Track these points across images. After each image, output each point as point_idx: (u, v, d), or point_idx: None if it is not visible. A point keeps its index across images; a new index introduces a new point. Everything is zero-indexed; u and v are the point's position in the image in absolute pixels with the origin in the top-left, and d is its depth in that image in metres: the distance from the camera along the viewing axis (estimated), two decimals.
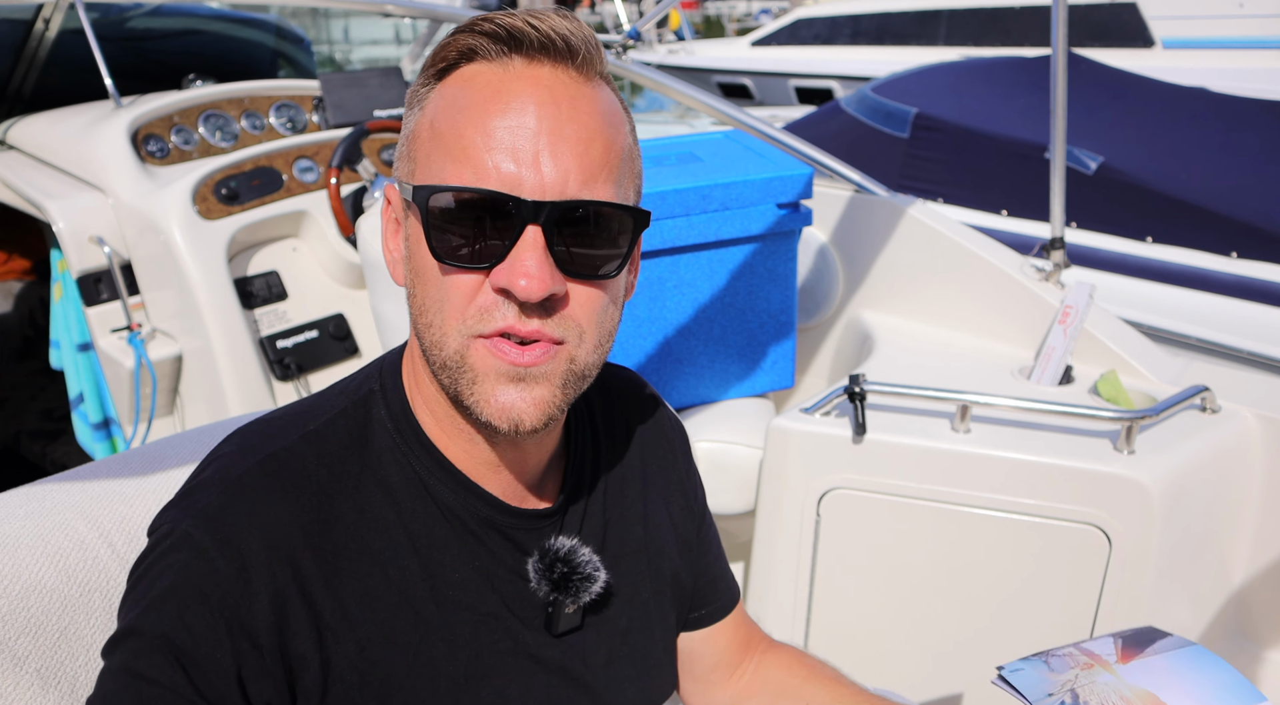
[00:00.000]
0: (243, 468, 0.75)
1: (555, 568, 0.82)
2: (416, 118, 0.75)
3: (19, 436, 3.30)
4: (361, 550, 0.76)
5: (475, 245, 0.69)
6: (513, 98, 0.69)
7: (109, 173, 2.56)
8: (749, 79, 11.37)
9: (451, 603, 0.79)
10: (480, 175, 0.68)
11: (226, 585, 0.71)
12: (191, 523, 0.73)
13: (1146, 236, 3.29)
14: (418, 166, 0.73)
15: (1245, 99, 4.01)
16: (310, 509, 0.75)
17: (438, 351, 0.72)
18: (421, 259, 0.72)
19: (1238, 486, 1.66)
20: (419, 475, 0.79)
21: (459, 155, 0.69)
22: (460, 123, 0.70)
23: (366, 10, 3.23)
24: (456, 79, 0.72)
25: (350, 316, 2.80)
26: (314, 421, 0.79)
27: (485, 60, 0.72)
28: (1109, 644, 0.82)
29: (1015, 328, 1.91)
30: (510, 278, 0.68)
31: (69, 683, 0.85)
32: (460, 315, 0.70)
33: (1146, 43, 8.08)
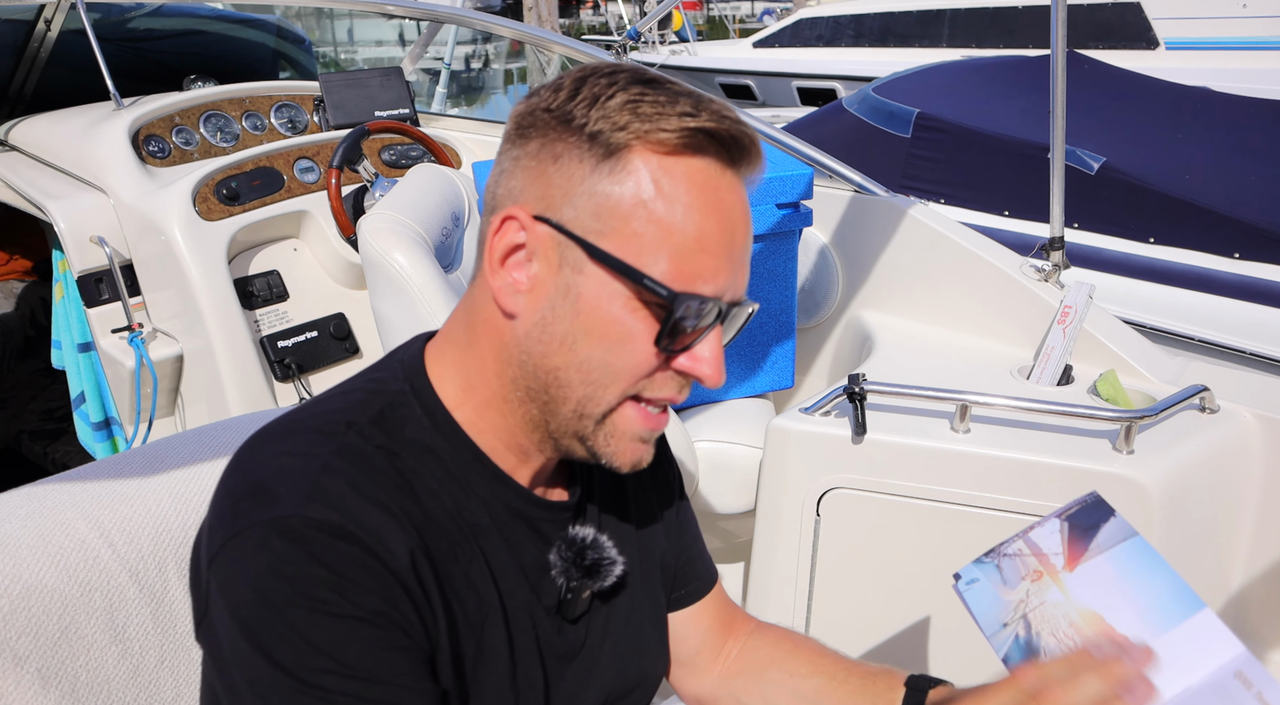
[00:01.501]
0: (319, 459, 0.75)
1: (586, 554, 0.87)
2: (617, 183, 0.73)
3: (20, 436, 3.30)
4: (435, 534, 0.79)
5: (677, 333, 0.76)
6: (730, 211, 0.76)
7: (110, 173, 2.57)
8: (751, 80, 11.38)
9: (504, 591, 0.83)
10: (703, 282, 0.75)
11: (375, 548, 0.72)
12: (303, 508, 0.71)
13: (1148, 237, 3.28)
14: (614, 233, 0.74)
15: (1248, 99, 4.01)
16: (394, 491, 0.76)
17: (591, 405, 0.78)
18: (605, 325, 0.75)
19: (1237, 486, 1.66)
20: (459, 468, 0.82)
21: (688, 256, 0.74)
22: (690, 224, 0.74)
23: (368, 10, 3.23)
24: (675, 168, 0.74)
25: (350, 316, 2.80)
26: (359, 419, 0.79)
27: (710, 160, 0.75)
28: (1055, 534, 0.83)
29: (1015, 328, 1.92)
30: (698, 367, 0.77)
31: (69, 682, 0.85)
32: (632, 380, 0.77)
33: (1150, 43, 8.09)
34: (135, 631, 0.90)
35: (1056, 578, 0.80)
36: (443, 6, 3.42)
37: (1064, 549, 0.82)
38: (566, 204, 0.74)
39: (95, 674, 0.87)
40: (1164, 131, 3.75)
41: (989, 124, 3.82)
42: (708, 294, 0.75)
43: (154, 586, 0.92)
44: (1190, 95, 4.09)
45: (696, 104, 0.74)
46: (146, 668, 0.90)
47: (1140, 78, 4.28)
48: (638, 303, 0.74)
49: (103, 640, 0.88)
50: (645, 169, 0.73)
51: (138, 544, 0.92)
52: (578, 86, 0.75)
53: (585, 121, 0.73)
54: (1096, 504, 0.83)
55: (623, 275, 0.74)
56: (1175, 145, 3.63)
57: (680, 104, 0.73)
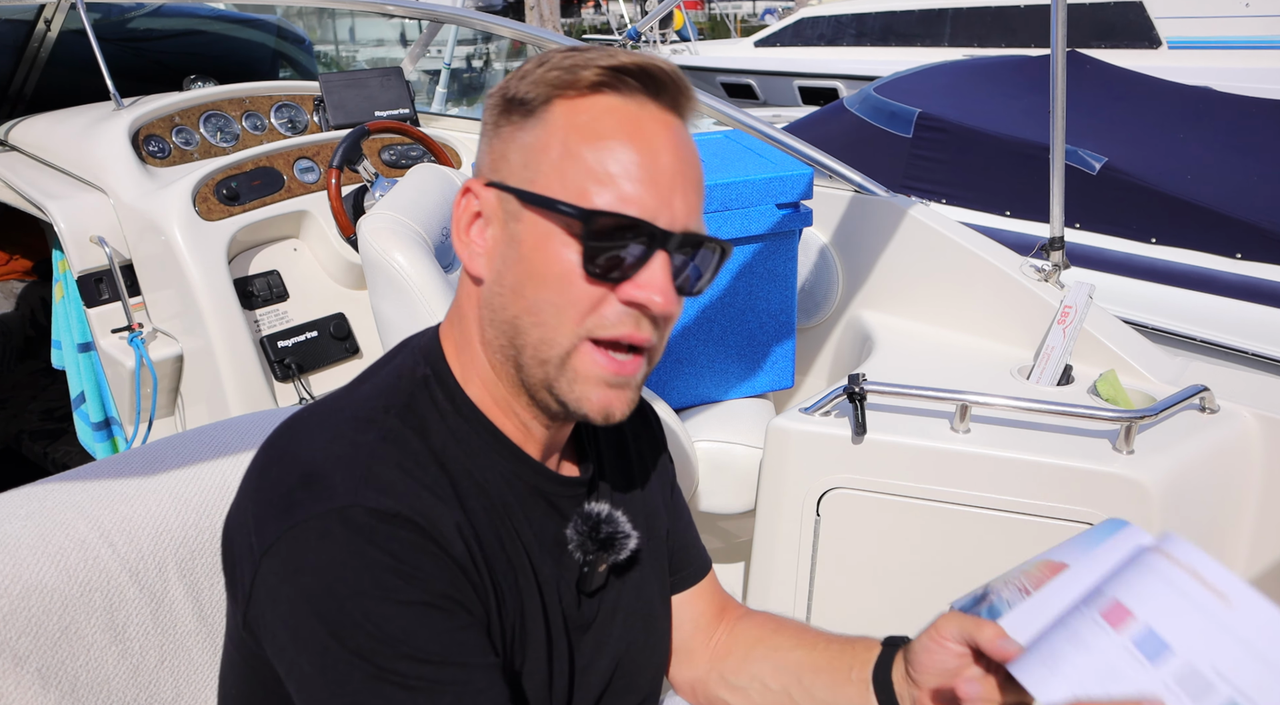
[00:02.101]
0: (369, 445, 0.78)
1: (601, 528, 0.90)
2: (537, 131, 0.79)
3: (20, 436, 3.30)
4: (474, 512, 0.82)
5: (615, 262, 0.77)
6: (652, 137, 0.78)
7: (110, 173, 2.57)
8: (753, 79, 11.37)
9: (526, 565, 0.86)
10: (624, 202, 0.76)
11: (432, 534, 0.75)
12: (360, 497, 0.74)
13: (1150, 237, 3.28)
14: (541, 177, 0.79)
15: (1250, 99, 4.00)
16: (434, 475, 0.80)
17: (546, 348, 0.79)
18: (546, 264, 0.78)
19: (1237, 486, 1.66)
20: (482, 448, 0.85)
21: (605, 180, 0.77)
22: (603, 151, 0.77)
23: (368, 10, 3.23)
24: (592, 107, 0.78)
25: (351, 316, 2.80)
26: (392, 404, 0.83)
27: (619, 95, 0.79)
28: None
29: (1014, 328, 1.92)
30: (646, 294, 0.77)
31: (69, 682, 0.85)
32: (581, 319, 0.78)
33: (1152, 42, 8.08)
34: (135, 631, 0.90)
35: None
36: (443, 6, 3.42)
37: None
38: (504, 164, 0.82)
39: (95, 674, 0.87)
40: (1166, 131, 3.74)
41: (991, 124, 3.82)
42: (632, 215, 0.76)
43: (154, 586, 0.92)
44: (1192, 95, 4.09)
45: (613, 52, 0.79)
46: (146, 667, 0.90)
47: (1142, 77, 4.28)
48: (568, 236, 0.77)
49: (103, 640, 0.88)
50: (563, 112, 0.79)
51: (138, 544, 0.92)
52: (521, 69, 0.82)
53: (516, 92, 0.81)
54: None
55: (547, 209, 0.78)
56: (1177, 145, 3.62)
57: (595, 56, 0.78)
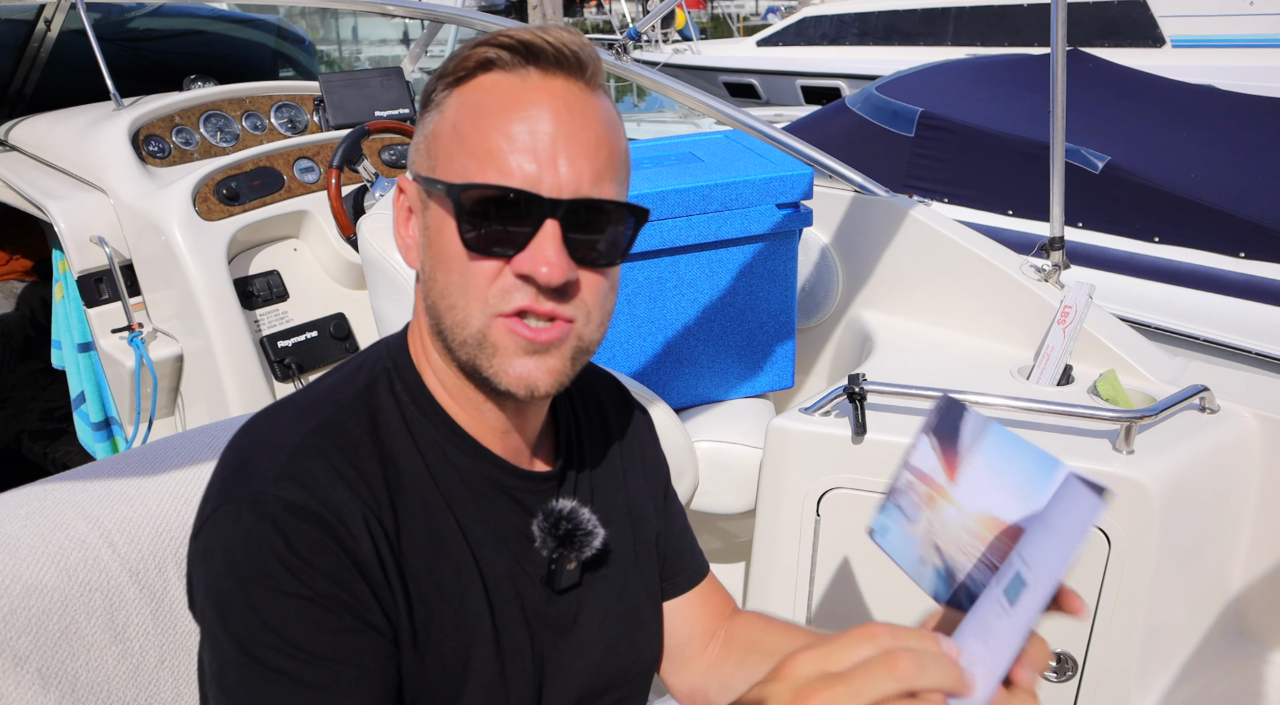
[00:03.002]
0: (298, 435, 0.79)
1: (560, 524, 0.89)
2: (435, 119, 0.82)
3: (20, 436, 3.30)
4: (408, 507, 0.82)
5: (500, 236, 0.77)
6: (531, 106, 0.77)
7: (110, 173, 2.57)
8: (755, 78, 11.35)
9: (480, 559, 0.85)
10: (504, 174, 0.76)
11: (336, 531, 0.75)
12: (273, 486, 0.75)
13: (1153, 236, 3.27)
14: (439, 163, 0.80)
15: (1253, 97, 4.00)
16: (368, 469, 0.80)
17: (461, 329, 0.80)
18: (445, 246, 0.79)
19: (1237, 486, 1.66)
20: (438, 443, 0.85)
21: (484, 156, 0.77)
22: (484, 127, 0.77)
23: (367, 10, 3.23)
24: (476, 87, 0.80)
25: (350, 316, 2.81)
26: (343, 396, 0.84)
27: (503, 71, 0.79)
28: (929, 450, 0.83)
29: (1014, 328, 1.91)
30: (533, 265, 0.76)
31: (70, 682, 0.85)
32: (483, 297, 0.78)
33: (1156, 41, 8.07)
34: (135, 631, 0.90)
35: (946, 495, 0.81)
36: (443, 6, 3.41)
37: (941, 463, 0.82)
38: (417, 156, 0.84)
39: (95, 674, 0.87)
40: (1169, 130, 3.74)
41: (993, 123, 3.81)
42: (508, 185, 0.76)
43: (154, 586, 0.92)
44: (1195, 93, 4.08)
45: (501, 32, 0.79)
46: (146, 667, 0.90)
47: (1145, 76, 4.27)
48: (451, 216, 0.78)
49: (103, 640, 0.88)
50: (454, 99, 0.81)
51: (138, 544, 0.92)
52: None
53: (426, 90, 0.84)
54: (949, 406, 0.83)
55: (435, 192, 0.79)
56: (1180, 144, 3.62)
57: (484, 39, 0.80)
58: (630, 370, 1.97)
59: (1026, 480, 0.76)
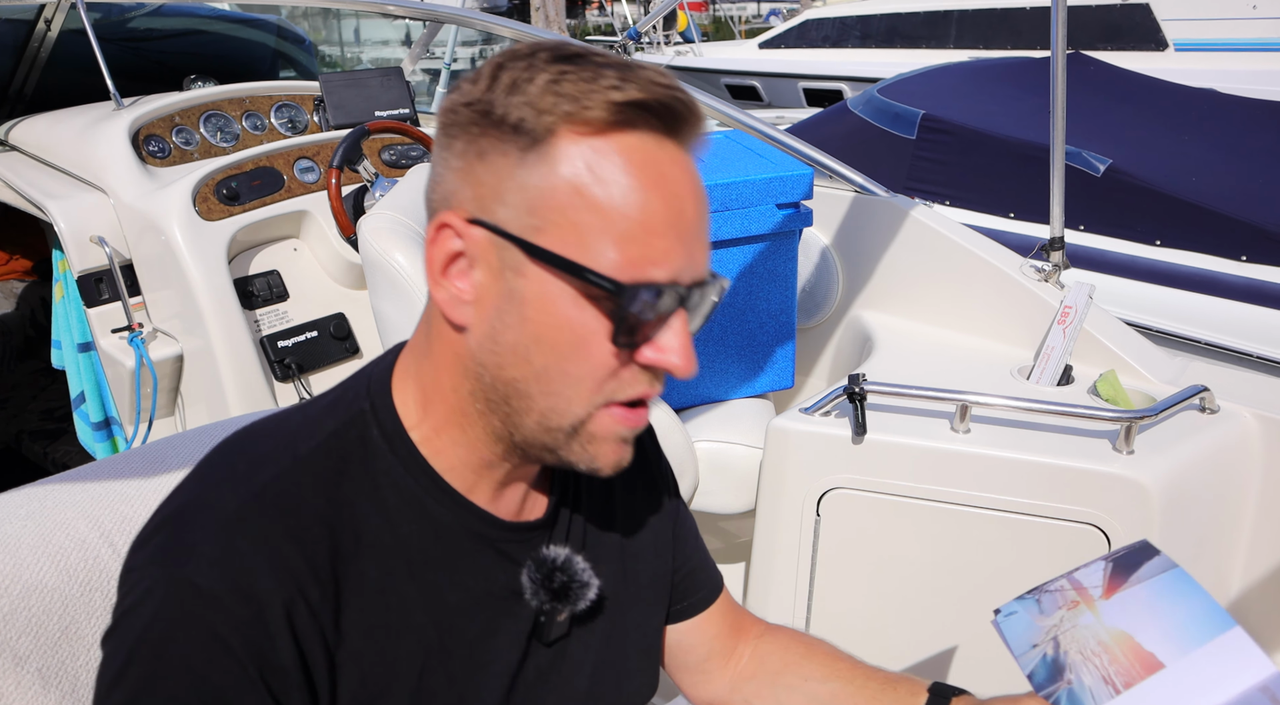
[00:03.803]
0: (236, 503, 0.72)
1: (555, 577, 0.82)
2: (544, 170, 0.68)
3: (20, 436, 3.30)
4: (360, 580, 0.74)
5: (636, 327, 0.70)
6: (676, 184, 0.70)
7: (110, 173, 2.57)
8: (757, 81, 11.34)
9: (449, 626, 0.79)
10: (652, 263, 0.69)
11: (249, 630, 0.67)
12: (194, 569, 0.68)
13: (1155, 240, 3.27)
14: (551, 228, 0.68)
15: (1255, 101, 3.99)
16: (312, 542, 0.72)
17: (556, 417, 0.72)
18: (556, 328, 0.70)
19: (1237, 486, 1.66)
20: (416, 495, 0.78)
21: (629, 239, 0.68)
22: (628, 205, 0.68)
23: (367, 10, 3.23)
24: (607, 146, 0.68)
25: (351, 316, 2.80)
26: (304, 444, 0.76)
27: (638, 132, 0.69)
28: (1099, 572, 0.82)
29: (1015, 328, 1.92)
30: (666, 358, 0.71)
31: (70, 682, 0.85)
32: (601, 388, 0.71)
33: (1159, 45, 8.06)
34: None
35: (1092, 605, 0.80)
36: (443, 6, 3.42)
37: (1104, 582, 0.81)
38: (499, 203, 0.69)
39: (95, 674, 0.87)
40: (1171, 134, 3.73)
41: (994, 125, 3.81)
42: (662, 280, 0.69)
43: None
44: (1197, 97, 4.08)
45: (623, 75, 0.68)
46: None
47: (1146, 79, 4.27)
48: (586, 301, 0.69)
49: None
50: (576, 153, 0.67)
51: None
52: (496, 74, 0.69)
53: (506, 111, 0.68)
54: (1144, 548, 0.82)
55: (565, 272, 0.68)
56: (1182, 147, 3.61)
57: (605, 77, 0.67)
58: None
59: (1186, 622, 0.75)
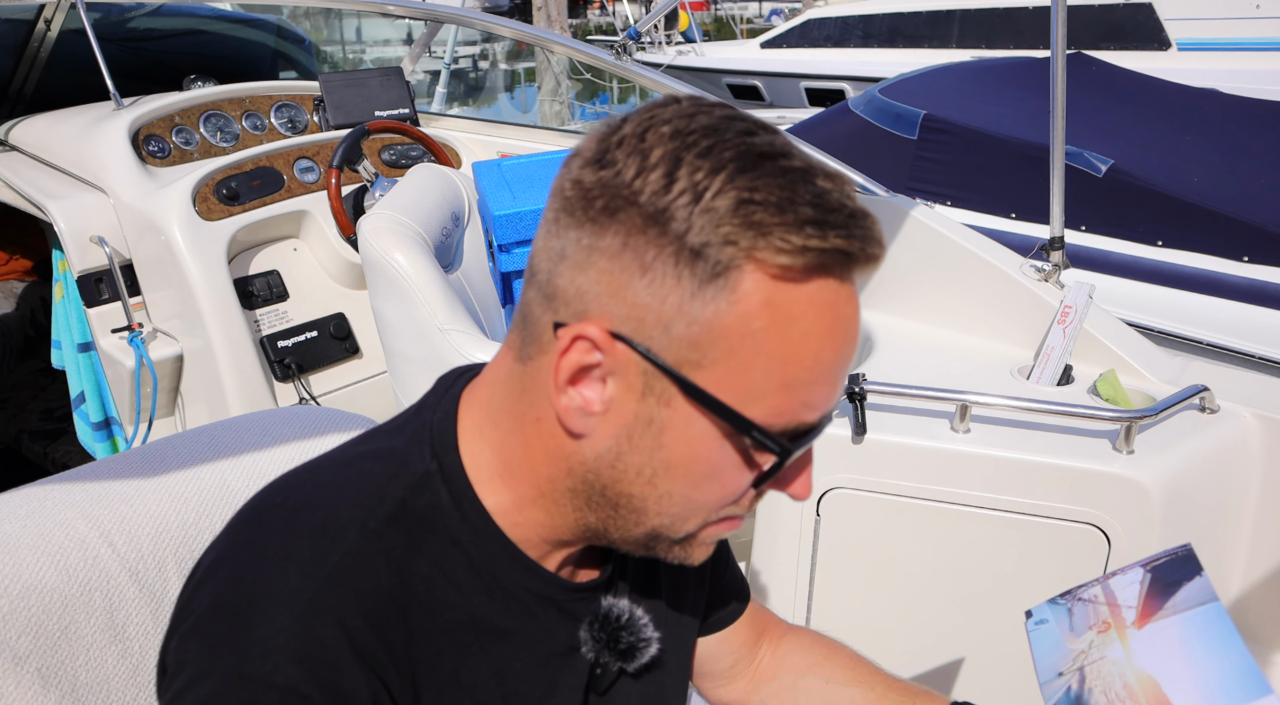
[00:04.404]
0: (311, 588, 0.66)
1: (621, 637, 0.82)
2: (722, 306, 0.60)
3: (20, 436, 3.30)
4: (435, 661, 0.71)
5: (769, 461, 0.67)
6: (848, 328, 0.64)
7: (110, 173, 2.57)
8: (759, 80, 11.34)
9: (515, 693, 0.77)
10: (808, 408, 0.65)
11: None
12: (274, 668, 0.63)
13: (1157, 240, 3.27)
14: (714, 366, 0.62)
15: (1257, 101, 4.00)
16: (389, 627, 0.68)
17: (667, 532, 0.71)
18: (693, 462, 0.66)
19: (1237, 486, 1.66)
20: (488, 564, 0.74)
21: (792, 386, 0.63)
22: (805, 354, 0.62)
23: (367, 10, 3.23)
24: (797, 295, 0.60)
25: (351, 316, 2.80)
26: (373, 516, 0.71)
27: (826, 278, 0.61)
28: (1135, 582, 0.79)
29: (1015, 328, 1.92)
30: (796, 488, 0.70)
31: (69, 682, 0.85)
32: (719, 505, 0.70)
33: (1162, 44, 8.06)
34: (135, 631, 0.90)
35: (1123, 633, 0.77)
36: (443, 6, 3.42)
37: (1139, 603, 0.78)
38: (658, 328, 0.62)
39: (95, 674, 0.87)
40: (1173, 134, 3.73)
41: (996, 126, 3.81)
42: (813, 422, 0.66)
43: (154, 586, 0.92)
44: (1199, 97, 4.08)
45: (822, 209, 0.60)
46: (146, 668, 0.90)
47: (1148, 79, 4.27)
48: (735, 448, 0.65)
49: (103, 640, 0.88)
50: (760, 294, 0.60)
51: (137, 544, 0.92)
52: (673, 169, 0.60)
53: (687, 228, 0.59)
54: (1186, 558, 0.78)
55: (721, 418, 0.63)
56: (1184, 148, 3.61)
57: (800, 208, 0.59)
58: None
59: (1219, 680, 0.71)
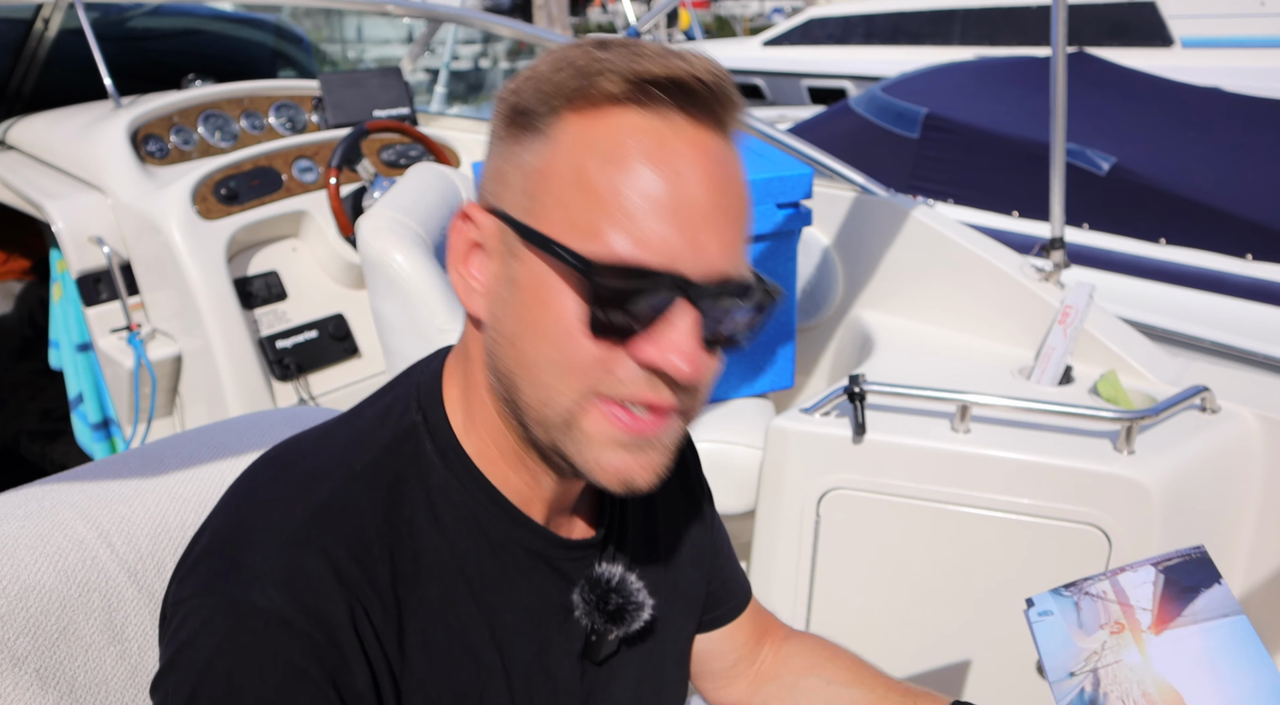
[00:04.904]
0: (295, 520, 0.69)
1: (610, 599, 0.80)
2: (543, 150, 0.66)
3: (19, 436, 3.30)
4: (421, 600, 0.72)
5: (626, 317, 0.64)
6: (678, 162, 0.63)
7: (108, 173, 2.56)
8: (761, 79, 11.32)
9: (508, 646, 0.77)
10: (642, 245, 0.63)
11: (324, 654, 0.65)
12: (259, 594, 0.65)
13: (1160, 238, 3.26)
14: (545, 210, 0.66)
15: (1260, 99, 3.99)
16: (373, 561, 0.70)
17: (543, 407, 0.68)
18: (541, 313, 0.66)
19: (1237, 487, 1.66)
20: (472, 512, 0.75)
21: (618, 218, 0.63)
22: (618, 181, 0.63)
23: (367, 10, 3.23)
24: (608, 125, 0.64)
25: (350, 316, 2.80)
26: (358, 460, 0.73)
27: (641, 109, 0.64)
28: (1148, 582, 0.75)
29: (1015, 328, 1.91)
30: (663, 357, 0.65)
31: (68, 683, 0.84)
32: (585, 376, 0.66)
33: (1165, 42, 8.04)
34: (134, 632, 0.90)
35: (1139, 637, 0.73)
36: (443, 6, 3.41)
37: (1154, 606, 0.74)
38: (505, 187, 0.68)
39: (94, 674, 0.87)
40: (1175, 132, 3.73)
41: (998, 124, 3.81)
42: (650, 264, 0.63)
43: (152, 587, 0.92)
44: (1201, 95, 4.08)
45: (640, 53, 0.63)
46: (145, 668, 0.90)
47: (1151, 78, 4.27)
48: (568, 285, 0.65)
49: (101, 641, 0.87)
50: (576, 131, 0.65)
51: (136, 544, 0.92)
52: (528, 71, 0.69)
53: (521, 99, 0.67)
54: (1201, 561, 0.75)
55: (547, 252, 0.65)
56: (1187, 146, 3.61)
57: (614, 56, 0.64)
58: None
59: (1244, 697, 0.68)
